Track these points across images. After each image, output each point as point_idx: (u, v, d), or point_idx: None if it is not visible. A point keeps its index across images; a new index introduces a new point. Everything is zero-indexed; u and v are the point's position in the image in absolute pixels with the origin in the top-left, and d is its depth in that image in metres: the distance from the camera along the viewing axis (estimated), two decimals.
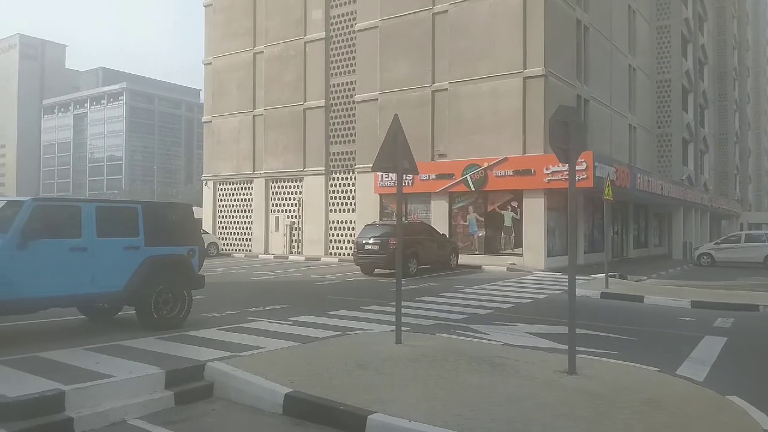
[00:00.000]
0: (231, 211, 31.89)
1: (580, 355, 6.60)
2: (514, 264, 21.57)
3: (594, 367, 6.42)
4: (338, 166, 27.88)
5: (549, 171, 20.76)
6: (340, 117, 27.91)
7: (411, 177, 21.69)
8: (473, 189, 22.63)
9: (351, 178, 27.27)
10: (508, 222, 22.50)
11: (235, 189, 31.71)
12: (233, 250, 30.78)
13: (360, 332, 8.67)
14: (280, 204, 29.78)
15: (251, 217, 30.78)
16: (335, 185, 28.00)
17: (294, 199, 29.19)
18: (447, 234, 22.67)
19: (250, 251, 30.18)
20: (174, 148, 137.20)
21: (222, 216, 32.31)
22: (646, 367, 6.60)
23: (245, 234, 31.10)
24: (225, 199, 32.19)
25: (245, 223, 31.15)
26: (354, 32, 27.26)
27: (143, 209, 8.84)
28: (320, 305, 11.88)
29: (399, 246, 7.88)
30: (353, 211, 26.95)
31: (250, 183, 30.89)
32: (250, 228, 30.76)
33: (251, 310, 10.98)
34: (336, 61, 28.19)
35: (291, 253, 28.54)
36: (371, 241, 18.58)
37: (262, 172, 30.14)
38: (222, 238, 31.47)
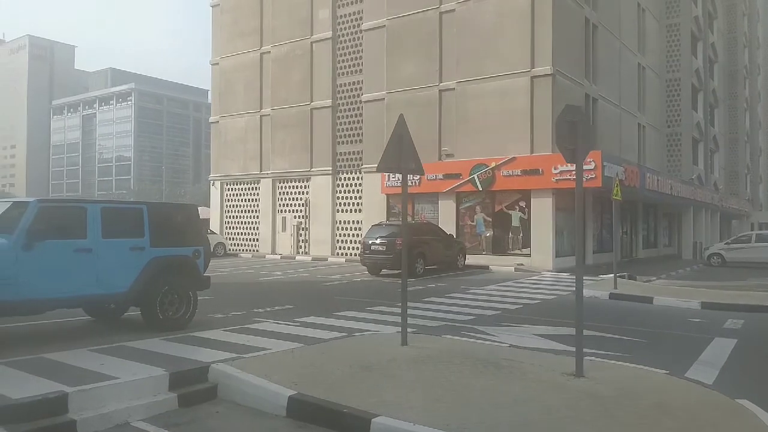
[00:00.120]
0: (238, 212, 31.96)
1: (588, 358, 6.52)
2: (522, 264, 21.45)
3: (602, 370, 6.34)
4: (345, 166, 27.87)
5: (557, 171, 20.65)
6: (347, 117, 27.89)
7: (418, 177, 21.61)
8: (481, 189, 22.54)
9: (358, 178, 27.24)
10: (516, 222, 22.40)
11: (243, 189, 31.76)
12: (240, 251, 30.83)
13: (366, 334, 8.62)
14: (288, 204, 29.80)
15: (258, 218, 30.82)
16: (342, 185, 27.98)
17: (301, 200, 29.20)
18: (454, 234, 22.60)
19: (258, 251, 30.22)
20: (182, 149, 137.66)
21: (229, 216, 32.37)
22: (655, 370, 6.52)
23: (252, 234, 31.14)
24: (232, 200, 32.25)
25: (252, 224, 31.19)
26: (361, 32, 27.22)
27: (149, 210, 8.85)
28: (326, 306, 11.85)
29: (404, 246, 7.82)
30: (360, 212, 26.93)
31: (258, 183, 30.93)
32: (258, 228, 30.80)
33: (257, 311, 10.97)
34: (343, 61, 28.18)
35: (298, 254, 28.55)
36: (378, 242, 18.53)
37: (270, 172, 30.16)
38: (229, 239, 31.53)
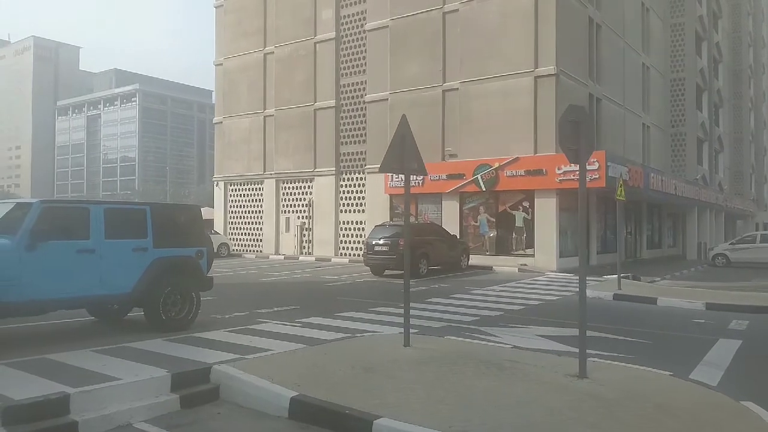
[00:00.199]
0: (242, 212, 31.98)
1: (592, 359, 6.50)
2: (526, 265, 21.41)
3: (605, 371, 6.32)
4: (349, 167, 27.86)
5: (561, 171, 20.60)
6: (351, 117, 27.88)
7: (421, 177, 21.60)
8: (484, 189, 22.50)
9: (361, 179, 27.23)
10: (520, 222, 22.35)
11: (246, 190, 31.78)
12: (244, 251, 30.85)
13: (368, 335, 8.62)
14: (291, 204, 29.81)
15: (262, 218, 30.84)
16: (345, 186, 27.97)
17: (304, 200, 29.20)
18: (458, 234, 22.54)
19: (261, 252, 30.25)
20: (186, 149, 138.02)
21: (233, 217, 32.40)
22: (659, 371, 6.49)
23: (256, 235, 31.16)
24: (236, 200, 32.28)
25: (256, 224, 31.21)
26: (364, 32, 27.21)
27: (152, 211, 8.85)
28: (329, 307, 11.83)
29: (407, 247, 7.81)
30: (363, 212, 26.92)
31: (261, 184, 30.95)
32: (261, 229, 30.82)
33: (260, 312, 10.96)
34: (346, 61, 28.17)
35: (302, 254, 28.56)
36: (381, 242, 18.50)
37: (273, 173, 30.18)
38: (233, 239, 31.56)
